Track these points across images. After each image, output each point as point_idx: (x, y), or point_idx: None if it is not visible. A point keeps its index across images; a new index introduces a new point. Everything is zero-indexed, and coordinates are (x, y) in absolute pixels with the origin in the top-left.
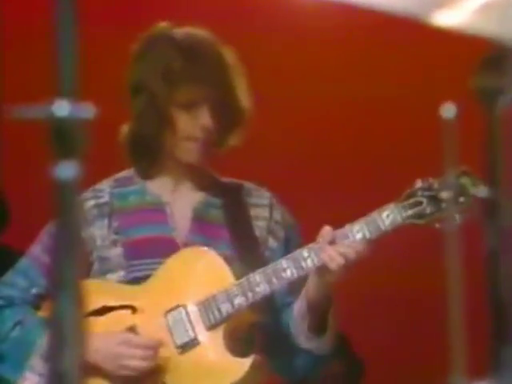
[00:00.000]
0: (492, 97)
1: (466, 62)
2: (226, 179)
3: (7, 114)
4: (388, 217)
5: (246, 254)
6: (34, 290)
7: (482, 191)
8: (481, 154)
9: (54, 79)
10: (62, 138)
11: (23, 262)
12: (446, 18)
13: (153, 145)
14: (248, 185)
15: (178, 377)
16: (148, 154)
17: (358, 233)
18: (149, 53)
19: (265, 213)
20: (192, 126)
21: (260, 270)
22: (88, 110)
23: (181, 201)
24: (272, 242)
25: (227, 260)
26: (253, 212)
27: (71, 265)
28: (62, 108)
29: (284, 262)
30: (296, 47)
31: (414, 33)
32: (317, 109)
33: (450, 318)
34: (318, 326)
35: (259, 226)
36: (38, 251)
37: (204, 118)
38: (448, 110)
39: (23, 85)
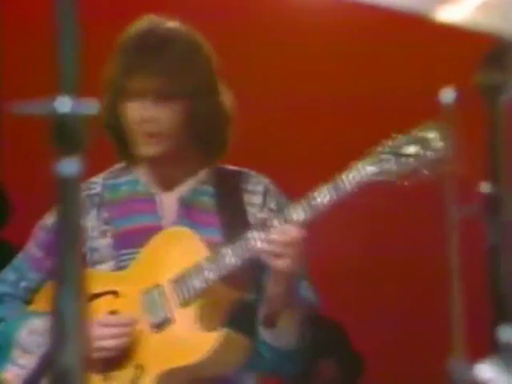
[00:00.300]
0: (494, 92)
1: (469, 58)
2: (226, 167)
3: (10, 109)
4: (349, 176)
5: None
6: (22, 284)
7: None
8: (483, 151)
9: (56, 75)
10: (64, 134)
11: (17, 258)
12: (448, 15)
13: (121, 137)
14: (247, 172)
15: (152, 356)
16: (124, 146)
17: (324, 197)
18: (117, 48)
19: (258, 200)
20: (136, 117)
21: (230, 244)
22: (90, 106)
23: (168, 189)
24: None
25: (215, 245)
26: (247, 198)
27: (73, 260)
28: (64, 104)
29: (253, 234)
30: (298, 42)
31: (417, 29)
32: (318, 104)
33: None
34: (270, 318)
35: (252, 213)
36: (29, 245)
37: (144, 110)
38: (447, 96)
39: (22, 81)
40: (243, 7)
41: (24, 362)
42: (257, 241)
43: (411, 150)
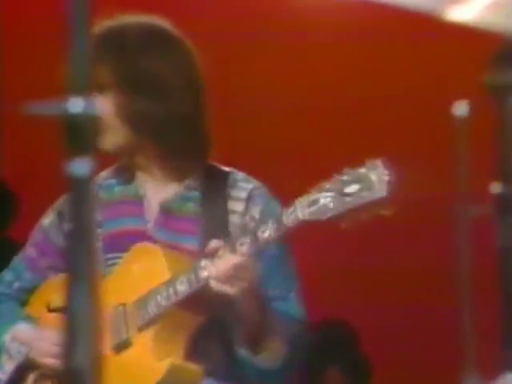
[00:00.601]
0: (504, 92)
1: (478, 57)
2: (218, 169)
3: (22, 110)
4: (289, 213)
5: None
6: (16, 284)
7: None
8: (493, 150)
9: (68, 76)
10: (75, 134)
11: (15, 258)
12: (458, 14)
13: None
14: (235, 176)
15: (108, 379)
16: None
17: (264, 232)
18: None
19: (240, 207)
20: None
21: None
22: (100, 107)
23: (155, 192)
24: None
25: (193, 255)
26: (230, 205)
27: (85, 259)
28: (75, 105)
29: (203, 261)
30: (306, 42)
31: (426, 28)
32: (326, 105)
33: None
34: (249, 340)
35: (233, 222)
36: (27, 245)
37: (101, 104)
38: (460, 108)
39: (22, 81)
40: (244, 5)
41: (7, 368)
42: (205, 269)
43: (352, 188)
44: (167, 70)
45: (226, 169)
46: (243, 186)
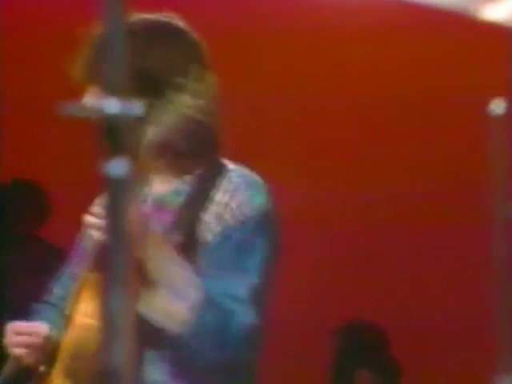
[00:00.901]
0: None
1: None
2: (223, 165)
3: (58, 111)
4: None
5: (189, 241)
6: (58, 291)
7: None
8: None
9: (105, 77)
10: (112, 135)
11: (61, 269)
12: (492, 13)
13: None
14: (233, 169)
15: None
16: None
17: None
18: None
19: (225, 198)
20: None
21: None
22: (138, 108)
23: (156, 189)
24: (214, 230)
25: (178, 247)
26: (214, 196)
27: (122, 260)
28: (112, 105)
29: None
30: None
31: (460, 27)
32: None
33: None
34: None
35: (211, 210)
36: (70, 256)
37: (88, 97)
38: (497, 107)
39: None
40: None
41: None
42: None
43: None
44: (165, 71)
45: (229, 164)
46: (234, 179)
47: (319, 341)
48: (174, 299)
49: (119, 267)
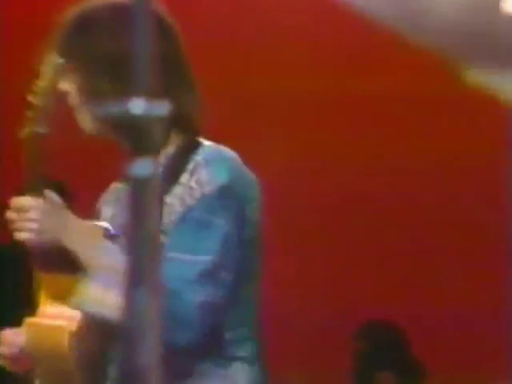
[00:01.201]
0: None
1: None
2: (197, 144)
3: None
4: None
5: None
6: None
7: None
8: None
9: (130, 77)
10: (138, 135)
11: None
12: None
13: None
14: (203, 147)
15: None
16: None
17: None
18: None
19: (185, 178)
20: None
21: None
22: (163, 108)
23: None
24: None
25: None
26: (182, 178)
27: (149, 260)
28: (137, 106)
29: None
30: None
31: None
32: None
33: None
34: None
35: (175, 194)
36: None
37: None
38: None
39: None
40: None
41: None
42: None
43: None
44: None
45: (204, 143)
46: (197, 157)
47: (340, 343)
48: (107, 287)
49: (145, 268)
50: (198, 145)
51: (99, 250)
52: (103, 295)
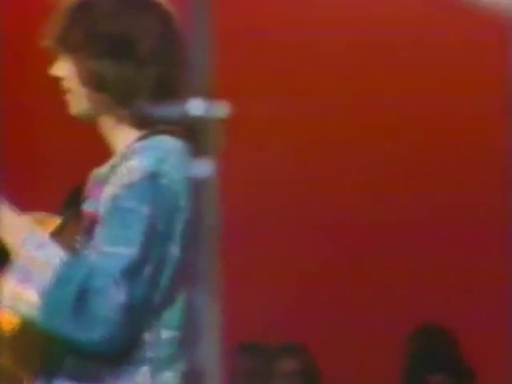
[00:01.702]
0: None
1: None
2: (149, 135)
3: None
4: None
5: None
6: None
7: None
8: None
9: (189, 78)
10: (197, 136)
11: None
12: None
13: None
14: (152, 138)
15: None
16: None
17: None
18: None
19: (118, 166)
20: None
21: None
22: (222, 109)
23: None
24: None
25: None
26: (118, 169)
27: (208, 259)
28: (196, 107)
29: None
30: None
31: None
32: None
33: None
34: None
35: (111, 183)
36: None
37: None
38: None
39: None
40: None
41: None
42: None
43: None
44: (138, 34)
45: (159, 136)
46: (130, 147)
47: (389, 346)
48: (27, 282)
49: (204, 267)
50: (151, 135)
51: (26, 241)
52: (22, 290)
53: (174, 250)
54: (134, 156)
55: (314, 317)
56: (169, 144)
